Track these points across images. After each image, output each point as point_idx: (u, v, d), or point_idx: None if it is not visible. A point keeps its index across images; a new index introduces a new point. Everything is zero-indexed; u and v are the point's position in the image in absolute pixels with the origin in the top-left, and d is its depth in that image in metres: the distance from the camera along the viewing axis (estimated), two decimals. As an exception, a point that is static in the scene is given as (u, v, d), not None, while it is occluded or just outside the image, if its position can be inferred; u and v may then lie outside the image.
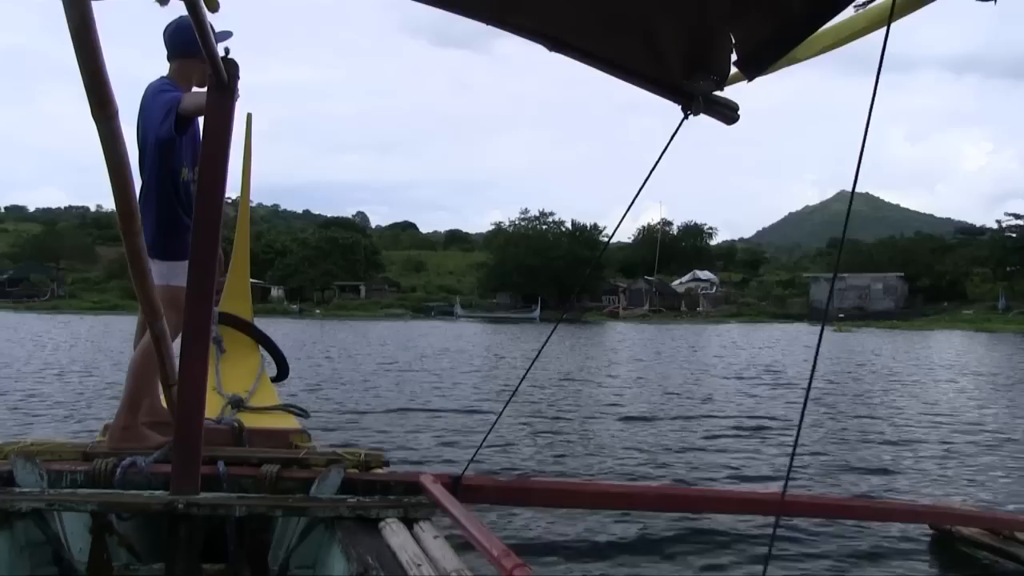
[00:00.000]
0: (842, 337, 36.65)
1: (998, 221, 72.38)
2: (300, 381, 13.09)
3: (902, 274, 68.60)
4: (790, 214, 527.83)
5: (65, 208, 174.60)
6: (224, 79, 2.56)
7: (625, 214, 2.89)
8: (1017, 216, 68.56)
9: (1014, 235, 67.43)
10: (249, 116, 4.84)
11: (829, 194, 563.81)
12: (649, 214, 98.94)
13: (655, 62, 2.26)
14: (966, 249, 74.58)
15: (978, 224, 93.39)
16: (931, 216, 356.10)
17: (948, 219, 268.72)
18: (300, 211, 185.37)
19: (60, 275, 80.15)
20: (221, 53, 2.54)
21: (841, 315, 59.38)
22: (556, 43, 2.28)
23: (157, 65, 3.72)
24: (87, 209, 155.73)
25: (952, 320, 55.86)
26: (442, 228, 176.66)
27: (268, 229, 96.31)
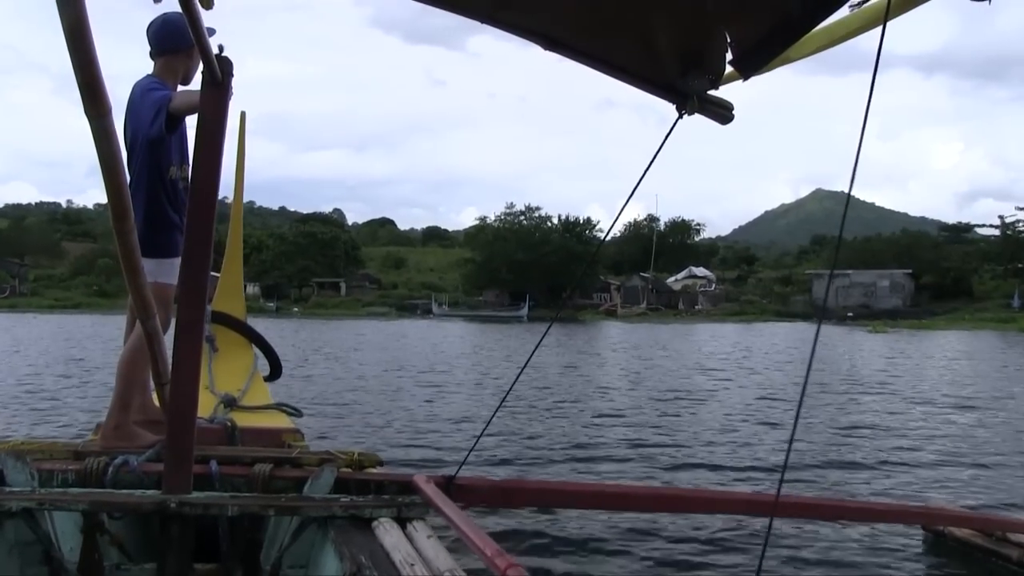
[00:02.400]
0: (884, 339, 35.15)
1: (1001, 216, 72.75)
2: (292, 380, 13.16)
3: (910, 271, 68.72)
4: (766, 212, 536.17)
5: (36, 204, 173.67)
6: (218, 76, 2.65)
7: (623, 209, 3.00)
8: None
9: None
10: (243, 114, 4.96)
11: (803, 193, 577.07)
12: (632, 211, 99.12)
13: (650, 61, 2.34)
14: (969, 246, 74.92)
15: (950, 221, 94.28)
16: (905, 214, 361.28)
17: (923, 217, 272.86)
18: (276, 208, 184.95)
19: (23, 271, 79.49)
20: (214, 50, 2.64)
21: (849, 314, 59.53)
22: (551, 42, 2.35)
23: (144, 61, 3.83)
24: (58, 205, 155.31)
25: (974, 320, 54.91)
26: (418, 225, 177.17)
27: (243, 225, 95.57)
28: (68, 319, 45.25)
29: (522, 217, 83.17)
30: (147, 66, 3.76)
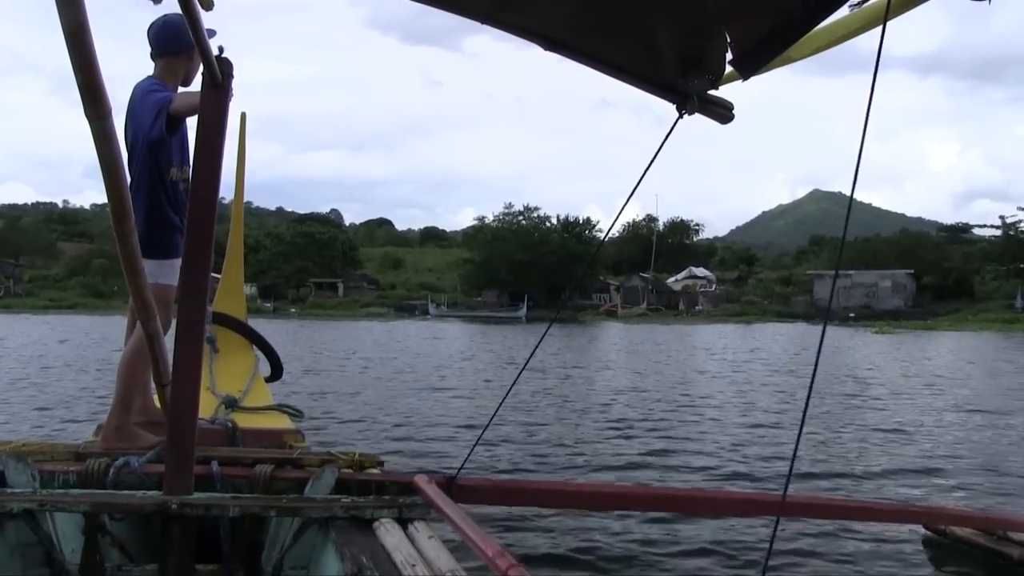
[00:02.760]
0: (892, 341, 34.54)
1: (1001, 216, 72.84)
2: (293, 382, 13.19)
3: (912, 271, 68.60)
4: (763, 213, 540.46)
5: (32, 204, 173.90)
6: (218, 77, 2.67)
7: (623, 208, 3.03)
8: None
9: None
10: (243, 115, 4.98)
11: (801, 193, 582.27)
12: (631, 211, 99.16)
13: (650, 61, 2.36)
14: (968, 247, 74.95)
15: (947, 222, 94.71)
16: (903, 215, 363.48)
17: (920, 218, 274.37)
18: (273, 208, 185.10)
19: (17, 272, 79.45)
20: (214, 51, 2.66)
21: (851, 314, 59.53)
22: (551, 42, 2.36)
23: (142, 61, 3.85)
24: (54, 205, 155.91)
25: (978, 321, 54.16)
26: (416, 226, 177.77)
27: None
28: (63, 319, 45.13)
29: (520, 217, 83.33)
30: (145, 66, 3.78)
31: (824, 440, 8.95)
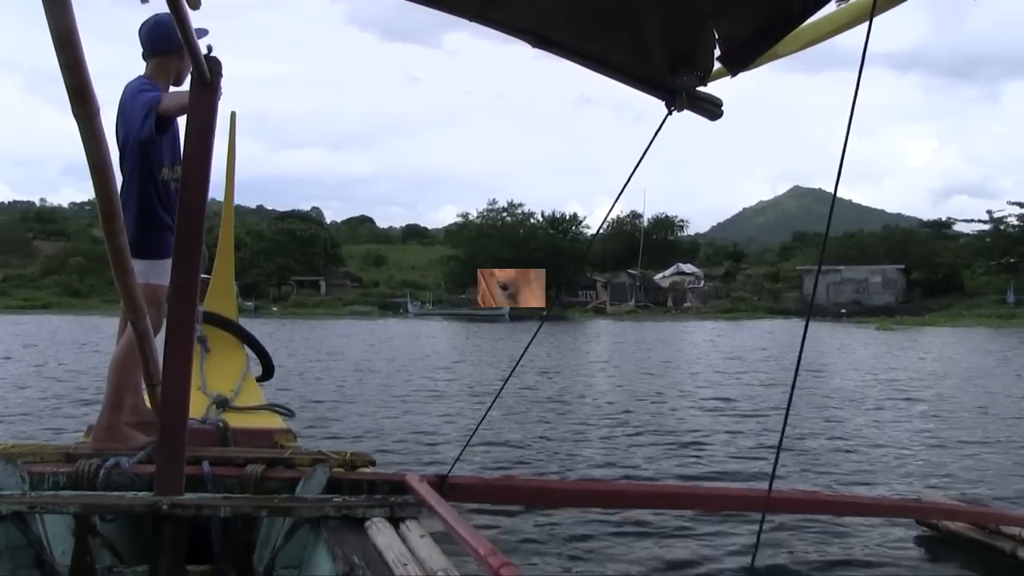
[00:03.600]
0: (896, 338, 33.87)
1: (989, 211, 73.52)
2: (284, 381, 13.17)
3: (902, 266, 68.83)
4: (744, 209, 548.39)
5: (9, 203, 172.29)
6: (207, 77, 2.71)
7: (613, 204, 3.09)
8: (1021, 204, 69.59)
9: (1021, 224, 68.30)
10: (233, 114, 5.01)
11: (781, 190, 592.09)
12: (616, 207, 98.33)
13: (640, 59, 2.39)
14: (951, 242, 75.58)
15: (926, 218, 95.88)
16: (882, 211, 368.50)
17: (899, 214, 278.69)
18: (254, 207, 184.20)
19: (-10, 271, 78.80)
20: (203, 51, 2.69)
21: (843, 311, 59.83)
22: (539, 40, 2.40)
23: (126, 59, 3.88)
24: (31, 204, 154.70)
25: (975, 316, 53.89)
26: (397, 223, 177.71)
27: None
28: (37, 320, 44.71)
29: (505, 213, 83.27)
30: (132, 64, 3.81)
31: (828, 438, 9.00)
